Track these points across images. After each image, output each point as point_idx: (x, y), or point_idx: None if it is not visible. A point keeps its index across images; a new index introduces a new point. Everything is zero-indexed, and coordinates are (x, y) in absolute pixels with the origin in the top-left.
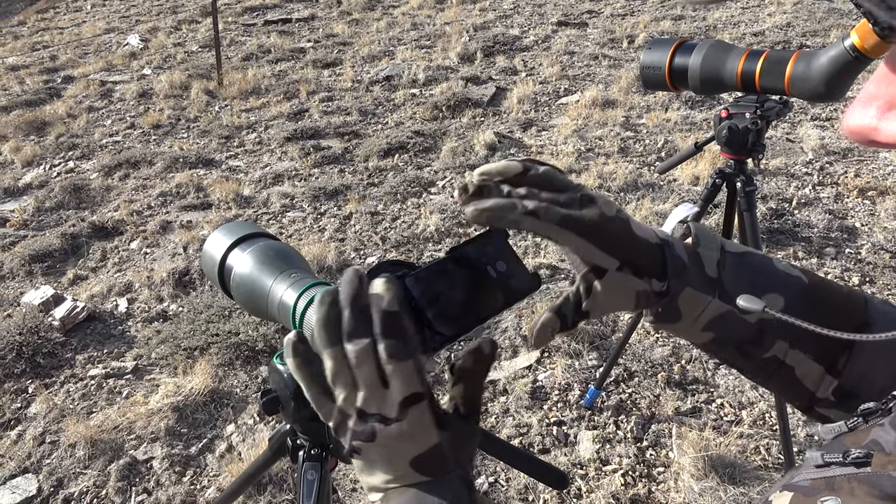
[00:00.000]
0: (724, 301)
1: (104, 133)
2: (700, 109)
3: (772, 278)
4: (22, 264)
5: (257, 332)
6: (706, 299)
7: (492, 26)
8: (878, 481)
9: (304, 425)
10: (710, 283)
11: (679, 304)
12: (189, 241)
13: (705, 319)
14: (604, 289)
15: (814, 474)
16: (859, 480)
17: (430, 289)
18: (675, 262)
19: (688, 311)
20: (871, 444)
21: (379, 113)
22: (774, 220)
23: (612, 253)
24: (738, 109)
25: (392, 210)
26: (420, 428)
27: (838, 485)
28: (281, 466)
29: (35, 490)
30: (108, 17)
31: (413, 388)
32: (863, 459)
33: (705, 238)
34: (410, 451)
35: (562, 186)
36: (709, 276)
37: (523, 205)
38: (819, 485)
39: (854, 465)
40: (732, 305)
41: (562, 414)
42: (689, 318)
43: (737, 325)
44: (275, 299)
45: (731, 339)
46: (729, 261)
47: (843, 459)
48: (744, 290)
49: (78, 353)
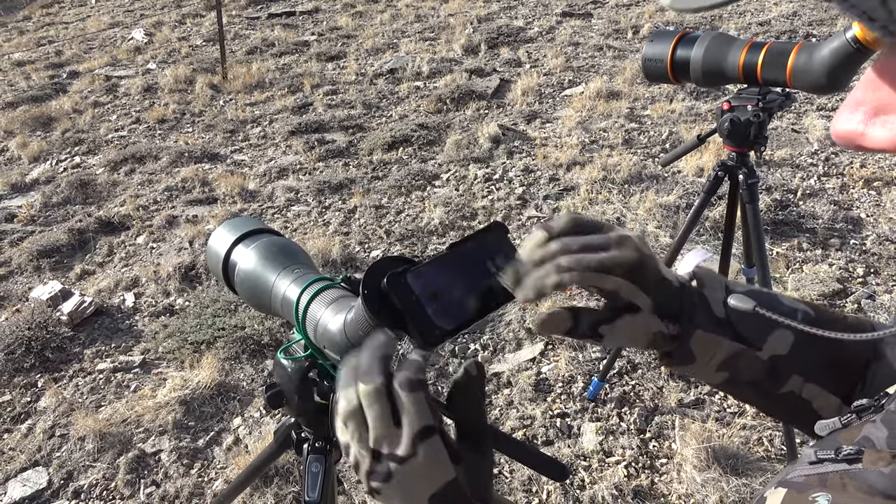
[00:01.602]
0: (735, 340)
1: (110, 128)
2: (705, 100)
3: (779, 312)
4: (30, 260)
5: (263, 326)
6: (718, 340)
7: (496, 18)
8: (868, 477)
9: (308, 419)
10: (720, 324)
11: (692, 346)
12: (195, 235)
13: (718, 360)
14: (628, 324)
15: (807, 471)
16: (850, 476)
17: (431, 284)
18: (689, 306)
19: (701, 353)
20: (862, 440)
21: (383, 106)
22: (779, 211)
23: (647, 292)
24: (741, 102)
25: (396, 203)
26: (434, 462)
27: (830, 481)
28: (287, 459)
29: (45, 483)
30: (112, 11)
31: (425, 421)
32: (854, 456)
33: (709, 280)
34: (427, 488)
35: (592, 228)
36: (717, 316)
37: (558, 264)
38: (812, 481)
39: (846, 461)
40: (744, 344)
41: (565, 406)
42: (703, 360)
43: (750, 363)
44: (278, 295)
45: (745, 378)
46: (736, 301)
47: (835, 456)
48: (753, 327)
49: (86, 348)
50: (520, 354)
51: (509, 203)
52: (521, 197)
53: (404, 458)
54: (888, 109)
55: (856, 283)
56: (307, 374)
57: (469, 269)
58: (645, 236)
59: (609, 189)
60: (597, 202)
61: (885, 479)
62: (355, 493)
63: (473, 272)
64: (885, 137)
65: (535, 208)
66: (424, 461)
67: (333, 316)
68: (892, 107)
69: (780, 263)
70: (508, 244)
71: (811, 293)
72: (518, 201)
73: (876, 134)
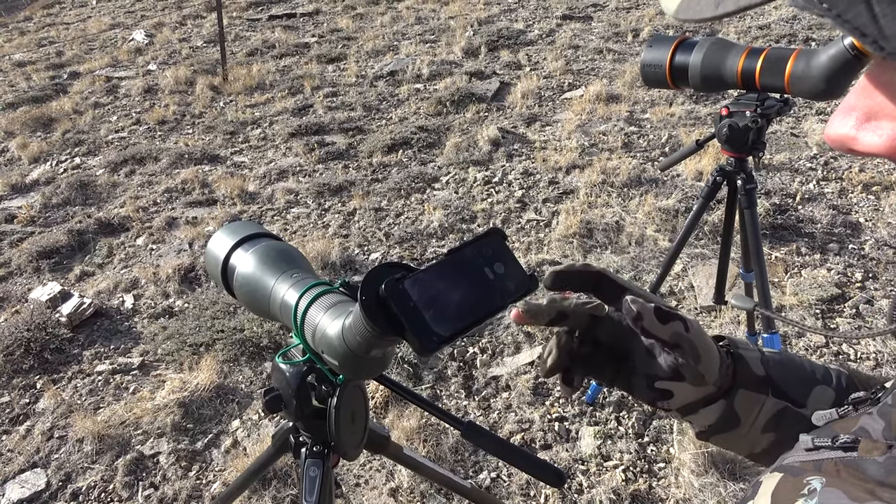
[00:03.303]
0: (778, 398)
1: (110, 129)
2: (704, 104)
3: (817, 370)
4: (29, 261)
5: (262, 329)
6: (761, 398)
7: (496, 20)
8: (863, 465)
9: (306, 423)
10: (761, 382)
11: (736, 408)
12: (195, 237)
13: (763, 420)
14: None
15: (803, 457)
16: (845, 464)
17: (428, 290)
18: (726, 367)
19: (745, 414)
20: (859, 430)
21: (383, 108)
22: (778, 215)
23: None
24: (739, 107)
25: (396, 206)
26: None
27: (825, 467)
28: (285, 461)
29: (44, 484)
30: (113, 12)
31: None
32: (850, 444)
33: (741, 341)
34: None
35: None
36: (757, 374)
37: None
38: (807, 466)
39: (842, 449)
40: (786, 401)
41: (563, 410)
42: (748, 422)
43: (796, 421)
44: (276, 299)
45: (793, 436)
46: (771, 358)
47: (831, 444)
48: (794, 385)
49: (85, 349)
50: (518, 358)
51: (509, 206)
52: (521, 200)
53: None
54: (879, 115)
55: (854, 288)
56: (305, 379)
57: (467, 276)
58: (643, 241)
59: (608, 192)
60: (596, 205)
61: (879, 468)
62: (353, 497)
63: (471, 279)
64: (876, 142)
65: (534, 211)
66: None
67: (332, 321)
68: (882, 113)
69: (779, 268)
70: (506, 251)
71: (809, 298)
72: (517, 204)
73: (867, 138)
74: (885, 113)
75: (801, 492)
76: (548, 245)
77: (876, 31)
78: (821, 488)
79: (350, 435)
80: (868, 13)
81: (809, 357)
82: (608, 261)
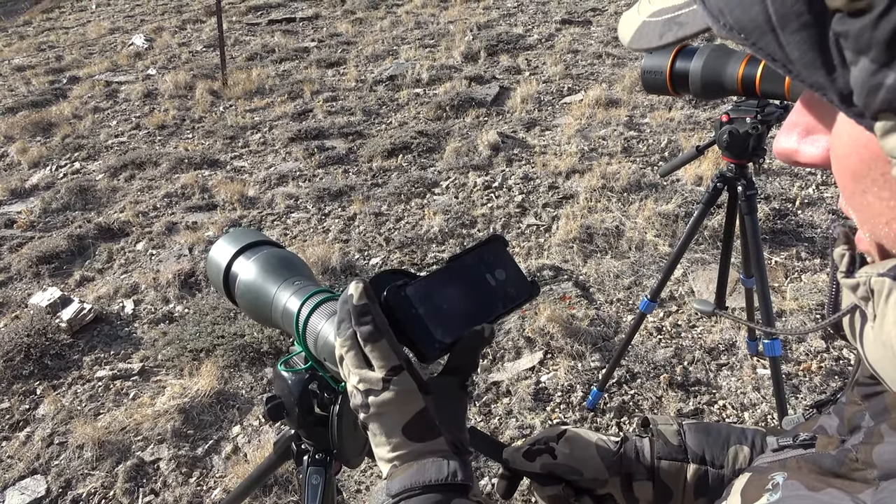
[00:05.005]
0: (698, 463)
1: (110, 134)
2: (704, 109)
3: (732, 433)
4: (29, 266)
5: (262, 335)
6: (681, 465)
7: (495, 25)
8: (820, 459)
9: (308, 430)
10: (678, 451)
11: (663, 478)
12: (195, 242)
13: (692, 486)
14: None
15: (770, 458)
16: (805, 459)
17: (430, 297)
18: (631, 453)
19: (673, 483)
20: (818, 429)
21: (383, 113)
22: (777, 220)
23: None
24: (739, 114)
25: (396, 211)
26: (405, 392)
27: (789, 464)
28: (286, 467)
29: (44, 491)
30: (112, 16)
31: (391, 362)
32: (809, 442)
33: (660, 418)
34: (400, 419)
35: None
36: (674, 444)
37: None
38: (774, 466)
39: (802, 447)
40: (706, 464)
41: (564, 415)
42: (679, 491)
43: (717, 483)
44: (278, 307)
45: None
46: (689, 429)
47: (793, 442)
48: (711, 448)
49: (85, 355)
50: (519, 363)
51: (508, 211)
52: (521, 205)
53: (377, 391)
54: (815, 130)
55: None
56: (307, 387)
57: (469, 283)
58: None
59: (608, 197)
60: (596, 210)
61: (832, 460)
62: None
63: (473, 285)
64: (814, 153)
65: (534, 216)
66: (395, 395)
67: (334, 329)
68: (818, 128)
69: (779, 273)
70: (507, 257)
71: (810, 302)
72: (517, 209)
73: (807, 150)
74: (820, 128)
75: (766, 487)
76: (548, 250)
77: (784, 57)
78: (783, 482)
79: (352, 442)
80: (775, 42)
81: (809, 359)
82: (608, 265)
